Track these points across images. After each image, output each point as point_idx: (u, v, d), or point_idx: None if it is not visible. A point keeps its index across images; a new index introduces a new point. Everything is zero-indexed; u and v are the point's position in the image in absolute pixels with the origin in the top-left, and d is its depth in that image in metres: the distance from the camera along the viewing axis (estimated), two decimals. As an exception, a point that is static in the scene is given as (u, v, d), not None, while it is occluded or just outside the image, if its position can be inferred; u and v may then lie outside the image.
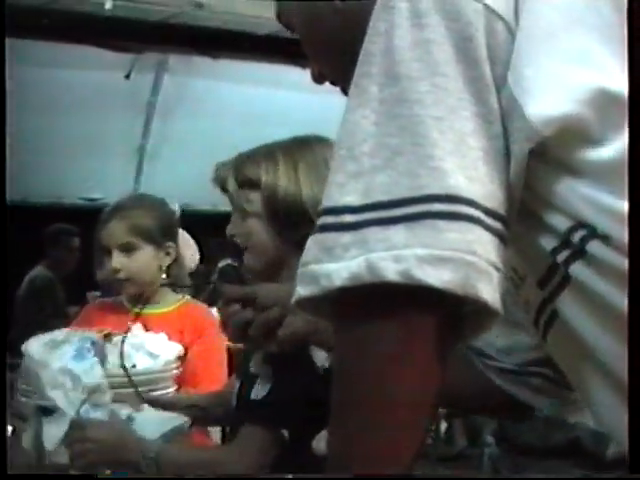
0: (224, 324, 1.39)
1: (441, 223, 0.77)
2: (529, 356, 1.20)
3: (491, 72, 0.81)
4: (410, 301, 0.78)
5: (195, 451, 1.61)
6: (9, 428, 1.47)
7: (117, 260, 2.26)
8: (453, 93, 0.81)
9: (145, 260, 2.29)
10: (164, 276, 2.30)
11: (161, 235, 2.32)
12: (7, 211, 1.15)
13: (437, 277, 0.76)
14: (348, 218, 0.80)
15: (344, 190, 0.81)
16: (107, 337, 1.98)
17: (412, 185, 0.78)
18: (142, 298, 2.31)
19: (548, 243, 0.84)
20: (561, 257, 0.82)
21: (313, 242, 0.83)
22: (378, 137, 0.81)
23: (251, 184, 1.65)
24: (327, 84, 1.18)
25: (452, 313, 0.80)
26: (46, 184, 7.31)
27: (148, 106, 6.95)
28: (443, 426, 5.39)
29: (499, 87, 0.81)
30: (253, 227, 1.67)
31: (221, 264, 1.44)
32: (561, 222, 0.82)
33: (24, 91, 6.34)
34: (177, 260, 2.34)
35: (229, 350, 2.29)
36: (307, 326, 1.36)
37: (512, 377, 1.22)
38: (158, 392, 1.84)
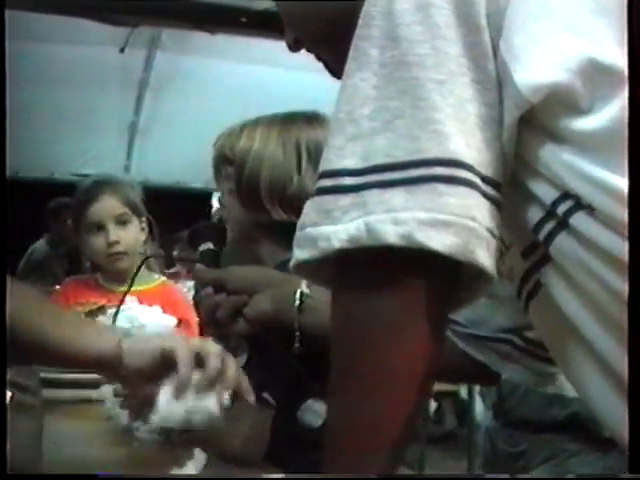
0: (196, 307, 1.41)
1: (441, 187, 0.77)
2: (498, 325, 1.20)
3: (490, 39, 0.81)
4: (408, 264, 0.78)
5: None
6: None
7: (114, 233, 2.32)
8: (453, 57, 0.81)
9: (136, 232, 2.39)
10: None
11: (141, 208, 2.43)
12: (7, 211, 1.15)
13: (439, 241, 0.76)
14: (347, 181, 0.80)
15: (343, 153, 0.81)
16: (101, 309, 2.00)
17: (412, 148, 0.79)
18: (122, 275, 2.34)
19: (534, 214, 0.84)
20: (546, 229, 0.83)
21: (311, 205, 0.83)
22: (378, 100, 0.81)
23: (227, 160, 1.66)
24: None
25: (447, 278, 0.80)
26: (38, 159, 7.28)
27: (140, 82, 6.93)
28: (433, 406, 5.42)
29: (495, 55, 0.81)
30: (228, 202, 1.68)
31: (202, 247, 1.44)
32: (548, 193, 0.82)
33: (17, 65, 6.31)
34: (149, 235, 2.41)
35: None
36: (273, 306, 1.37)
37: (479, 343, 1.23)
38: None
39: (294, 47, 1.16)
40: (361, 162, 0.80)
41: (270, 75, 6.35)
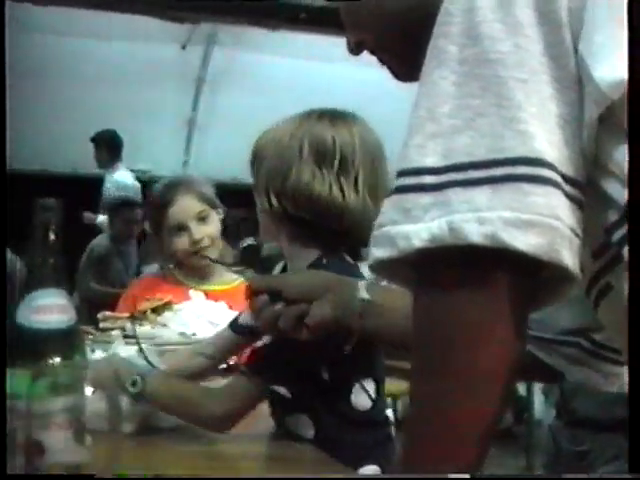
0: (255, 314, 1.43)
1: (526, 186, 0.76)
2: (563, 326, 1.19)
3: (570, 37, 0.80)
4: (491, 264, 0.78)
5: (187, 384, 1.64)
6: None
7: (197, 230, 2.37)
8: (535, 55, 0.80)
9: (217, 225, 2.43)
10: None
11: (217, 201, 2.46)
12: (7, 212, 1.16)
13: (524, 241, 0.75)
14: (428, 179, 0.79)
15: (423, 151, 0.80)
16: (168, 304, 2.02)
17: (495, 147, 0.78)
18: (202, 271, 2.38)
19: (608, 215, 0.82)
20: (620, 232, 0.81)
21: (390, 204, 0.82)
22: (458, 98, 0.80)
23: (253, 156, 1.68)
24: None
25: (530, 278, 0.80)
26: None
27: (198, 79, 6.99)
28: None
29: (576, 52, 0.80)
30: (256, 200, 1.70)
31: (244, 244, 1.45)
32: (623, 194, 0.80)
33: (79, 62, 6.42)
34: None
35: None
36: (334, 311, 1.38)
37: (545, 345, 1.22)
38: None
39: (356, 50, 1.15)
40: (442, 160, 0.79)
41: (326, 71, 6.37)
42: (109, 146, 6.36)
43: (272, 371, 1.52)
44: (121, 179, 6.33)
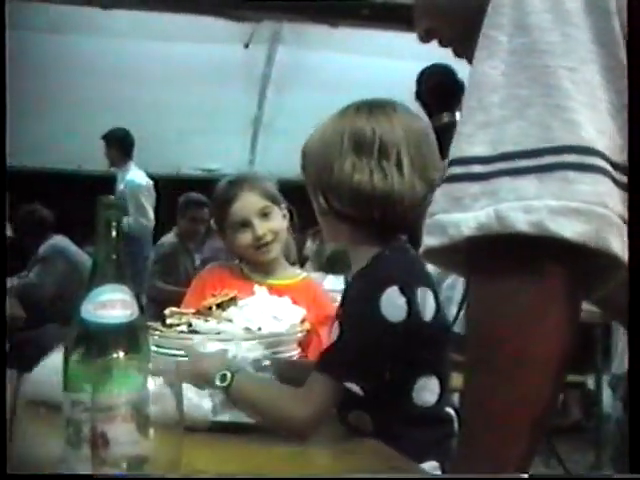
0: None
1: (572, 174, 0.77)
2: None
3: (620, 24, 0.81)
4: (539, 253, 0.79)
5: (270, 386, 1.65)
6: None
7: (260, 226, 2.38)
8: (584, 44, 0.81)
9: (280, 220, 2.44)
10: None
11: (279, 197, 2.47)
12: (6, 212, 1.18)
13: (570, 229, 0.76)
14: (477, 168, 0.81)
15: (473, 140, 0.82)
16: (233, 300, 2.04)
17: (543, 136, 0.79)
18: (268, 266, 2.42)
19: None
20: None
21: (441, 193, 0.84)
22: (508, 88, 0.81)
23: (302, 162, 1.70)
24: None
25: (579, 265, 0.80)
26: (166, 156, 7.48)
27: (263, 77, 7.04)
28: (560, 398, 5.35)
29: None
30: (313, 202, 1.71)
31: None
32: None
33: (144, 64, 6.51)
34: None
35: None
36: None
37: None
38: (282, 354, 1.88)
39: (426, 38, 1.14)
40: (491, 150, 0.81)
41: (391, 67, 6.36)
42: (121, 144, 6.34)
43: (344, 368, 1.53)
44: (133, 178, 6.31)
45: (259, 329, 1.92)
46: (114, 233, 1.10)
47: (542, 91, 0.80)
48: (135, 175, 6.33)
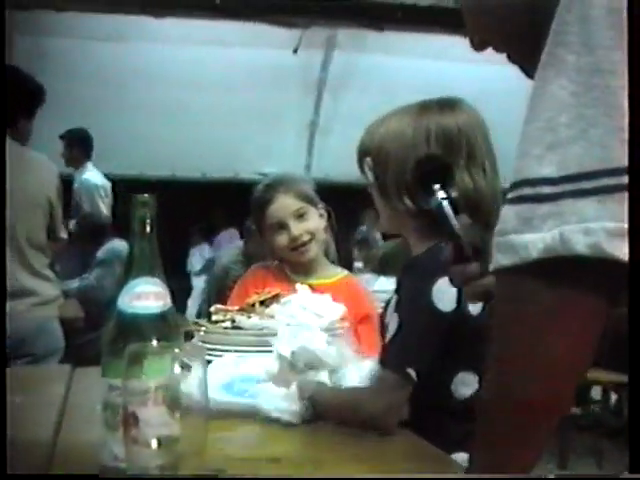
0: (460, 277, 1.37)
1: None
2: None
3: None
4: (594, 272, 0.81)
5: (344, 392, 1.71)
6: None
7: (296, 227, 2.45)
8: None
9: (316, 221, 2.49)
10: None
11: (315, 197, 2.52)
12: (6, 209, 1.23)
13: (625, 250, 0.78)
14: (546, 190, 0.82)
15: (542, 162, 0.83)
16: (276, 297, 2.11)
17: (604, 157, 0.80)
18: (307, 266, 2.48)
19: None
20: None
21: (511, 212, 0.86)
22: (576, 107, 0.82)
23: (366, 151, 1.71)
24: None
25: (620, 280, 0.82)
26: (224, 160, 7.58)
27: (319, 82, 7.11)
28: (613, 398, 5.31)
29: None
30: (373, 194, 1.73)
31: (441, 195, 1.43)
32: None
33: (201, 70, 6.63)
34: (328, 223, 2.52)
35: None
36: None
37: None
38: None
39: (479, 47, 1.15)
40: (558, 171, 0.82)
41: (446, 69, 6.37)
42: (81, 145, 6.28)
43: (404, 357, 1.58)
44: (88, 177, 6.20)
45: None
46: (148, 229, 1.17)
47: (604, 111, 0.81)
48: (91, 175, 6.22)
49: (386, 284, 4.03)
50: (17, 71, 3.43)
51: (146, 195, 1.17)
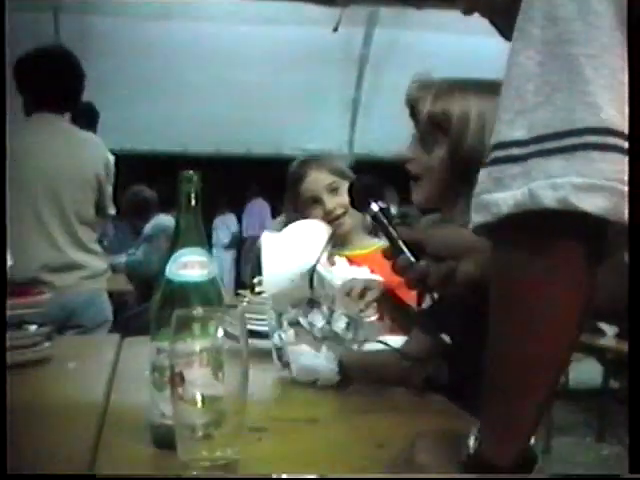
0: (398, 271, 1.50)
1: (595, 154, 0.86)
2: None
3: None
4: (565, 226, 0.88)
5: (371, 353, 1.80)
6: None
7: (330, 200, 2.53)
8: (605, 31, 0.88)
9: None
10: None
11: (349, 172, 2.60)
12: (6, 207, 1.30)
13: (592, 203, 0.85)
14: (515, 151, 0.90)
15: (512, 126, 0.91)
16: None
17: (568, 119, 0.87)
18: (344, 238, 2.56)
19: None
20: None
21: (485, 174, 0.94)
22: (542, 76, 0.90)
23: (440, 126, 1.75)
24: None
25: (598, 234, 0.90)
26: (269, 137, 7.65)
27: (360, 58, 7.14)
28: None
29: None
30: (435, 165, 1.76)
31: (375, 208, 1.52)
32: None
33: (244, 48, 6.69)
34: None
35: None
36: (481, 271, 1.47)
37: None
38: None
39: (467, 13, 1.22)
40: (527, 133, 0.90)
41: (488, 45, 6.36)
42: (85, 118, 6.28)
43: (437, 321, 1.64)
44: None
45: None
46: (193, 203, 1.25)
47: (568, 77, 0.88)
48: None
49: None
50: (69, 54, 3.52)
51: (191, 171, 1.25)
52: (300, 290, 1.88)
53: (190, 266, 1.24)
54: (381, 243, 2.63)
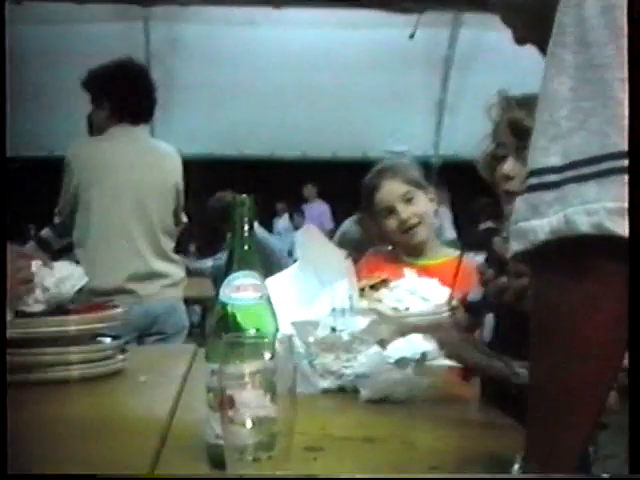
0: (482, 283, 1.53)
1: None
2: None
3: None
4: (601, 250, 0.88)
5: None
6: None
7: (404, 210, 2.53)
8: None
9: (425, 204, 2.58)
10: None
11: (424, 182, 2.60)
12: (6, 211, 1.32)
13: (626, 227, 0.85)
14: (551, 178, 0.90)
15: (546, 153, 0.92)
16: (384, 282, 2.18)
17: (603, 143, 0.88)
18: (419, 248, 2.55)
19: None
20: None
21: (522, 201, 0.94)
22: (574, 101, 0.90)
23: (518, 131, 1.76)
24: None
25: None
26: (354, 140, 7.67)
27: (446, 60, 7.11)
28: None
29: None
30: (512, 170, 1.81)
31: (483, 226, 1.56)
32: None
33: (326, 53, 6.73)
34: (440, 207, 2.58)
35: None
36: None
37: None
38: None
39: (520, 42, 1.22)
40: (561, 160, 0.90)
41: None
42: None
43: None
44: None
45: (407, 309, 2.05)
46: (246, 227, 1.27)
47: (601, 102, 0.88)
48: None
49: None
50: (142, 67, 3.59)
51: (244, 195, 1.27)
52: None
53: (243, 289, 1.26)
54: (457, 253, 2.63)
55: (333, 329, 1.90)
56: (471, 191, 3.27)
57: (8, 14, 1.24)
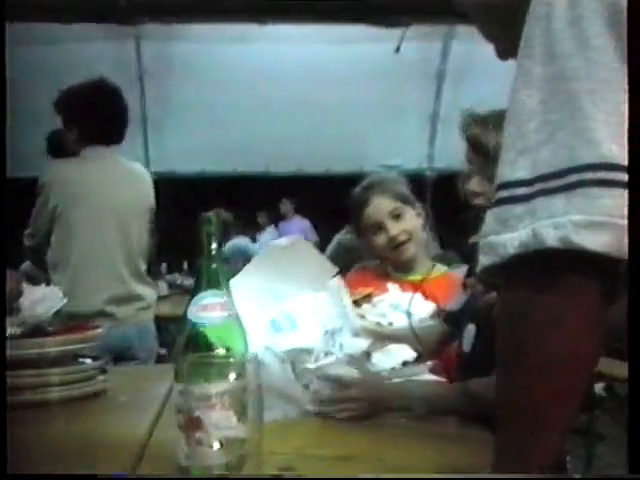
0: (472, 299, 1.54)
1: (594, 190, 0.85)
2: None
3: None
4: (569, 264, 0.86)
5: (439, 386, 1.81)
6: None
7: (393, 227, 2.51)
8: (605, 65, 0.87)
9: (413, 220, 2.55)
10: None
11: (412, 197, 2.58)
12: (6, 211, 1.31)
13: (593, 241, 0.84)
14: (520, 191, 0.89)
15: (515, 166, 0.91)
16: (368, 297, 2.17)
17: (569, 156, 0.87)
18: (408, 263, 2.54)
19: None
20: None
21: (491, 215, 0.93)
22: (543, 114, 0.89)
23: (479, 149, 1.76)
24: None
25: (608, 273, 0.87)
26: (349, 154, 7.66)
27: (438, 73, 7.11)
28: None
29: None
30: (476, 185, 1.87)
31: (472, 240, 1.55)
32: None
33: (318, 68, 6.73)
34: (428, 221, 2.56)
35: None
36: None
37: None
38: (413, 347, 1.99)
39: (502, 57, 1.20)
40: (530, 173, 0.89)
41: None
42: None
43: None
44: None
45: (390, 324, 2.05)
46: (213, 245, 1.26)
47: (569, 114, 0.87)
48: None
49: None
50: (115, 87, 3.50)
51: (210, 213, 1.26)
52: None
53: (211, 308, 1.25)
54: (445, 269, 2.62)
55: (326, 354, 1.88)
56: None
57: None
